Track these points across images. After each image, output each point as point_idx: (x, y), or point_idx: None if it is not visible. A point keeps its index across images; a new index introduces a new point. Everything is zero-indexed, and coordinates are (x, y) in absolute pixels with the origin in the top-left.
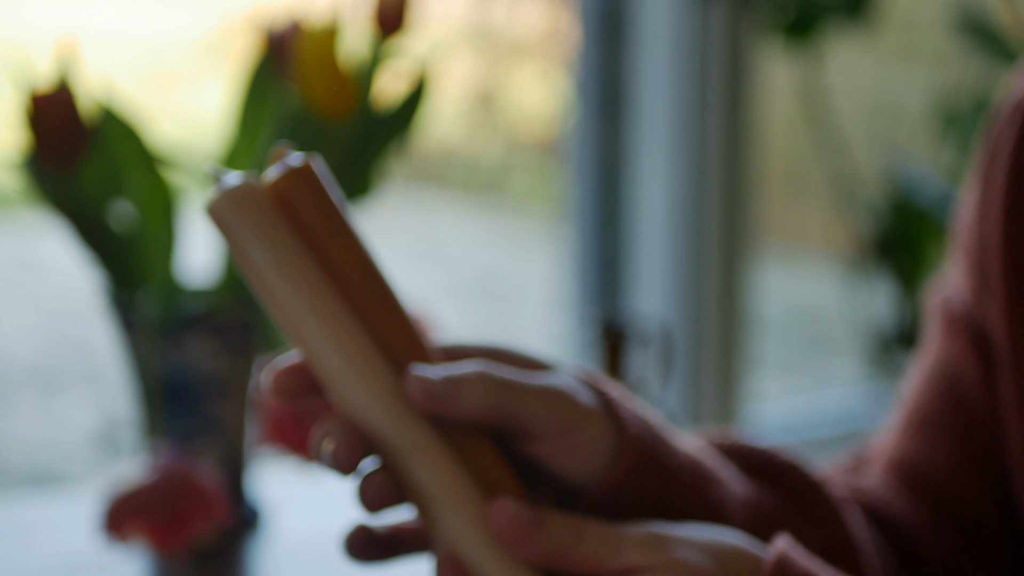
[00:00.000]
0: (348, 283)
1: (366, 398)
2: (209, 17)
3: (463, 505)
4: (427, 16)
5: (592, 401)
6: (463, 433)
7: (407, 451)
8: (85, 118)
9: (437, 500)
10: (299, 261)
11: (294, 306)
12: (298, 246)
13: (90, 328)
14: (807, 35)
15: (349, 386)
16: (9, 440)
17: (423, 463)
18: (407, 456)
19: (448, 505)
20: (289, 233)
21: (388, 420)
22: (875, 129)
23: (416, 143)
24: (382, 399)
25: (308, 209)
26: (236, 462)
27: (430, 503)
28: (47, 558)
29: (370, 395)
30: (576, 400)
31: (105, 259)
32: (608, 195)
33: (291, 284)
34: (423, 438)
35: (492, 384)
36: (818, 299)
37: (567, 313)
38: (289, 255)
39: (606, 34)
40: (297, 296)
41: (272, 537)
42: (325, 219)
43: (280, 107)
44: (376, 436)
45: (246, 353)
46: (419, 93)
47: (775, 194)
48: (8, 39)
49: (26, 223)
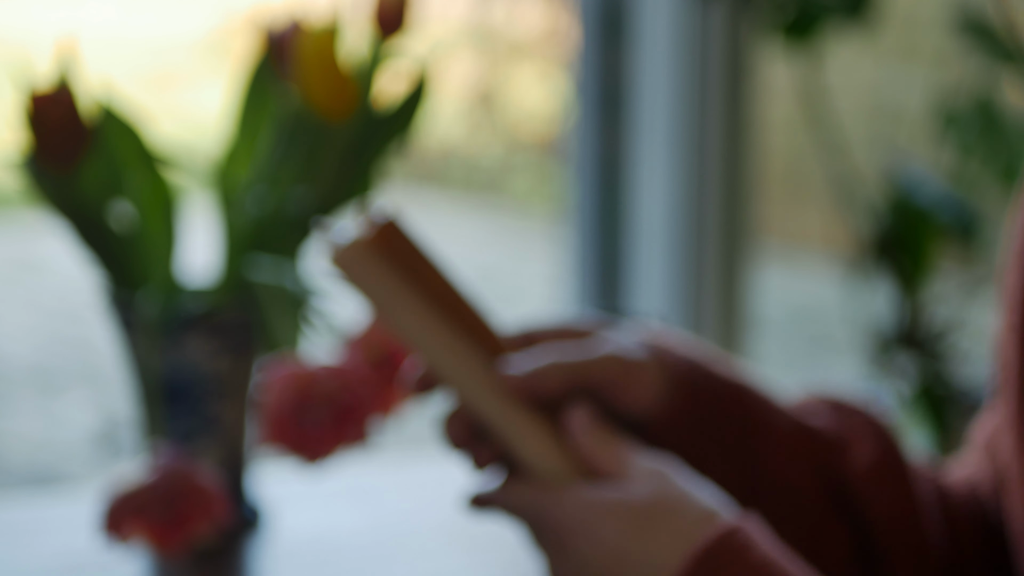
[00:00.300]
0: (445, 302)
1: (472, 388)
2: (209, 17)
3: (541, 447)
4: (427, 16)
5: (644, 355)
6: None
7: (502, 423)
8: (85, 118)
9: (522, 453)
10: (409, 293)
11: (412, 327)
12: (406, 281)
13: (90, 328)
14: (807, 35)
15: (459, 381)
16: (9, 440)
17: (515, 431)
18: (503, 427)
19: (531, 455)
20: (397, 273)
21: (487, 403)
22: (875, 129)
23: (416, 143)
24: (483, 388)
25: (406, 252)
26: (236, 462)
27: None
28: (47, 558)
29: (474, 386)
30: (628, 359)
31: (105, 259)
32: (608, 195)
33: (407, 312)
34: (512, 414)
35: (562, 368)
36: (818, 299)
37: (567, 313)
38: (401, 290)
39: (606, 34)
40: (413, 320)
41: (272, 537)
42: (419, 257)
43: (280, 107)
44: (480, 415)
45: (246, 353)
46: (419, 93)
47: (775, 194)
48: (8, 39)
49: (26, 223)
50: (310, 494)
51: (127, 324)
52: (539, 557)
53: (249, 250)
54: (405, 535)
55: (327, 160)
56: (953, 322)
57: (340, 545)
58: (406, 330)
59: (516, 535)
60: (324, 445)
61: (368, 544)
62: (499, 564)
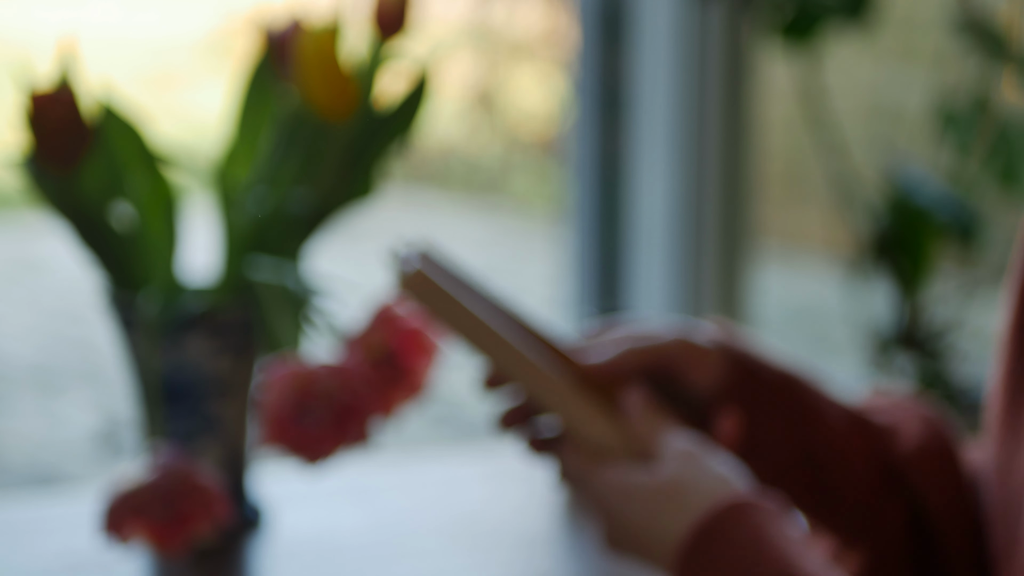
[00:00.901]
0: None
1: (536, 379)
2: (210, 17)
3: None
4: (427, 16)
5: (708, 342)
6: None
7: (563, 405)
8: (86, 118)
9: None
10: (469, 307)
11: (478, 334)
12: (465, 298)
13: (91, 328)
14: (806, 35)
15: (520, 375)
16: (10, 440)
17: (574, 411)
18: (563, 408)
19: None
20: (457, 291)
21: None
22: (874, 129)
23: (416, 143)
24: (543, 382)
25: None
26: (237, 462)
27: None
28: (47, 558)
29: (538, 376)
30: (694, 343)
31: (106, 259)
32: (608, 195)
33: (473, 321)
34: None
35: (636, 354)
36: (817, 299)
37: (567, 313)
38: (465, 305)
39: (605, 34)
40: (478, 328)
41: (272, 537)
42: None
43: (280, 107)
44: (539, 400)
45: (247, 353)
46: (419, 93)
47: (775, 194)
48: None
49: (27, 223)
50: (310, 494)
51: (128, 324)
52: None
53: (249, 250)
54: (405, 535)
55: (327, 160)
56: (952, 322)
57: (340, 545)
58: (471, 334)
59: (516, 535)
60: (324, 445)
61: (368, 544)
62: (499, 564)
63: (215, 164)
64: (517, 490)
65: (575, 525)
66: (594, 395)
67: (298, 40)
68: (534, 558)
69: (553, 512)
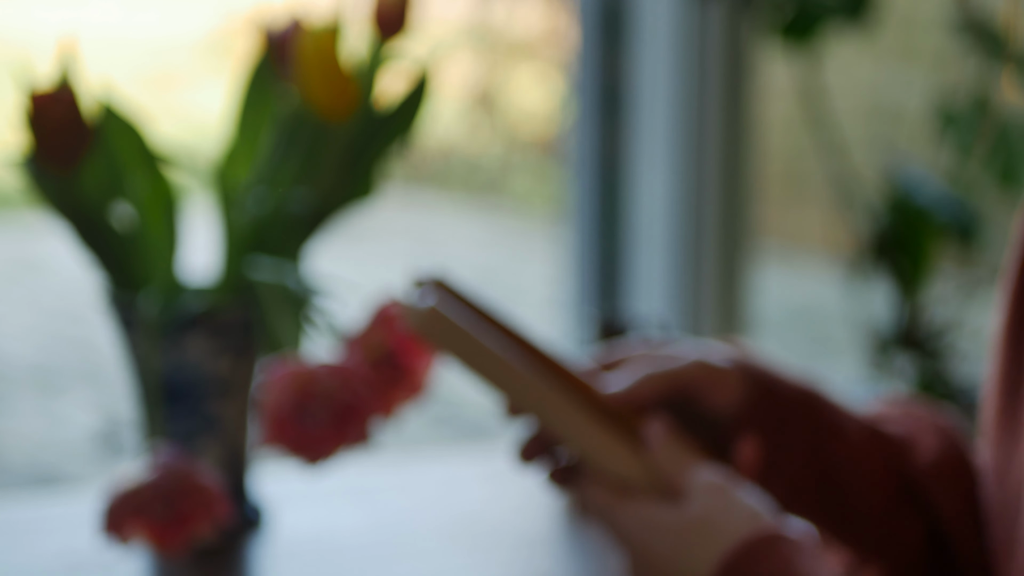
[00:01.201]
0: (512, 338)
1: (555, 411)
2: (210, 17)
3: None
4: (427, 17)
5: (726, 363)
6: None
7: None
8: (86, 118)
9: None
10: (484, 341)
11: (493, 370)
12: (480, 331)
13: (91, 328)
14: (806, 35)
15: (538, 409)
16: (10, 440)
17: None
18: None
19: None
20: (471, 325)
21: (564, 424)
22: (874, 129)
23: (416, 143)
24: (561, 415)
25: (466, 304)
26: (237, 462)
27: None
28: (47, 558)
29: (557, 408)
30: (713, 365)
31: (106, 259)
32: (607, 195)
33: (488, 357)
34: (589, 432)
35: (655, 379)
36: (818, 299)
37: (567, 313)
38: (477, 338)
39: (605, 34)
40: (493, 363)
41: (272, 537)
42: (476, 306)
43: (280, 107)
44: (560, 434)
45: (247, 353)
46: (419, 94)
47: (774, 194)
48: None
49: (27, 223)
50: (310, 494)
51: (128, 324)
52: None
53: (249, 250)
54: (405, 535)
55: (327, 160)
56: (952, 322)
57: (340, 545)
58: (487, 371)
59: (516, 535)
60: (324, 445)
61: (368, 544)
62: (499, 564)
63: (215, 164)
64: (517, 490)
65: (575, 525)
66: (614, 426)
67: (298, 40)
68: (534, 558)
69: (553, 512)
